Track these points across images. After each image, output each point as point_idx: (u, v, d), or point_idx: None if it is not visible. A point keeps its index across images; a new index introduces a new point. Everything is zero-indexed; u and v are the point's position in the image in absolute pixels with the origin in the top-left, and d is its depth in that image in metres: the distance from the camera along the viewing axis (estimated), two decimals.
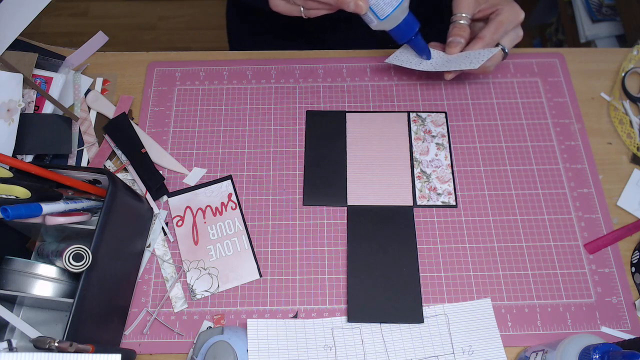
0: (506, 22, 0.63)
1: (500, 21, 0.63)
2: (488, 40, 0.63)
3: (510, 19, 0.64)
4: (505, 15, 0.63)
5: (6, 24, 0.70)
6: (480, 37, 0.63)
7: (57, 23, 1.89)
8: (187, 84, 0.72)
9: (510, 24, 0.64)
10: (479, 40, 0.63)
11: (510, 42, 0.66)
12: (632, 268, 0.61)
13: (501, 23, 0.63)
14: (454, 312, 0.58)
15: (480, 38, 0.63)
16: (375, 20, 0.58)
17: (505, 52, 0.65)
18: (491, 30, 0.63)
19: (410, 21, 0.59)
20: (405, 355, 0.56)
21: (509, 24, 0.64)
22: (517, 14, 0.64)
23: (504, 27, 0.63)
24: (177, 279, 0.60)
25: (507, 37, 0.65)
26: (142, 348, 0.57)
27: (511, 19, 0.64)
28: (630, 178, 0.66)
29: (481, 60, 0.61)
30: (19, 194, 0.51)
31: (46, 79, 0.68)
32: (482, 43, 0.63)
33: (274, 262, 0.61)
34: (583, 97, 0.71)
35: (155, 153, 0.66)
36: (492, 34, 0.63)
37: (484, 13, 0.65)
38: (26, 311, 0.58)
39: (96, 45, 0.73)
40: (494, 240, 0.62)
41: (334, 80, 0.72)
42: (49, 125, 0.65)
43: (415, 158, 0.66)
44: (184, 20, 1.90)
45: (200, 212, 0.63)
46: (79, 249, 0.48)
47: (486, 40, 0.63)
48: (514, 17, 0.64)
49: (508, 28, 0.64)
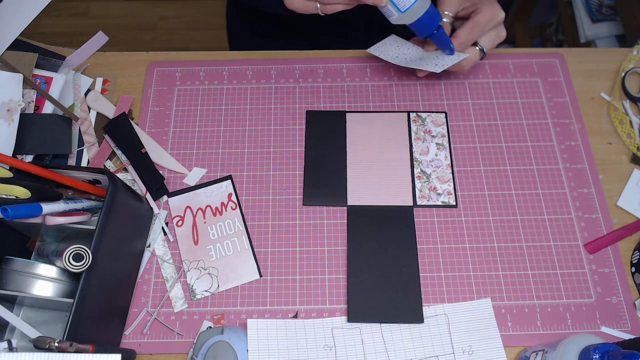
0: (483, 21, 0.63)
1: (477, 21, 0.63)
2: (462, 39, 0.63)
3: (488, 18, 0.63)
4: (482, 14, 0.63)
5: (6, 24, 0.70)
6: (454, 36, 0.63)
7: (57, 23, 1.89)
8: (187, 84, 0.72)
9: (488, 24, 0.63)
10: (453, 40, 0.63)
11: (490, 42, 0.66)
12: (632, 268, 0.61)
13: (478, 23, 0.63)
14: (454, 312, 0.58)
15: (455, 37, 0.63)
16: (395, 13, 0.56)
17: (483, 52, 0.65)
18: (467, 30, 0.63)
19: (432, 14, 0.57)
20: (405, 355, 0.56)
21: (486, 24, 0.63)
22: (496, 14, 0.64)
23: (481, 27, 0.63)
24: (177, 279, 0.60)
25: (486, 37, 0.65)
26: (142, 348, 0.57)
27: (489, 18, 0.63)
28: (630, 178, 0.66)
29: (446, 65, 0.61)
30: (19, 194, 0.51)
31: (46, 79, 0.68)
32: (455, 42, 0.63)
33: (274, 262, 0.61)
34: (583, 97, 0.71)
35: (155, 153, 0.66)
36: (468, 33, 0.63)
37: (467, 12, 0.65)
38: (26, 311, 0.58)
39: (96, 45, 0.73)
40: (494, 240, 0.62)
41: (334, 80, 0.72)
42: (49, 125, 0.65)
43: (415, 158, 0.66)
44: (184, 20, 1.90)
45: (200, 212, 0.63)
46: (79, 249, 0.48)
47: (460, 39, 0.63)
48: (492, 16, 0.63)
49: (485, 28, 0.64)
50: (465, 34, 0.63)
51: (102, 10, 1.92)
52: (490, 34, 0.65)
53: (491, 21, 0.64)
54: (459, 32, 0.63)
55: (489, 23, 0.63)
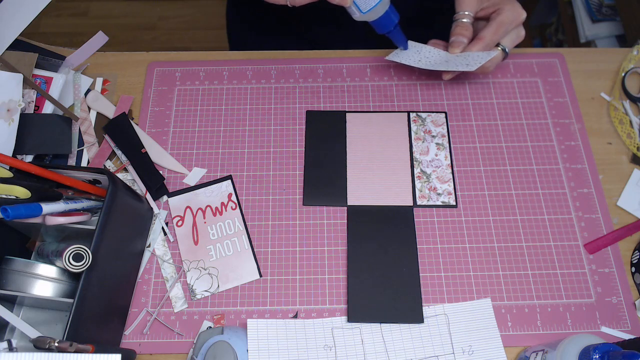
0: (507, 22, 0.63)
1: (501, 21, 0.63)
2: (488, 41, 0.63)
3: (511, 18, 0.63)
4: (506, 14, 0.63)
5: (6, 24, 0.70)
6: (480, 37, 0.63)
7: (57, 23, 1.89)
8: (187, 84, 0.72)
9: (511, 24, 0.64)
10: (479, 41, 0.63)
11: (512, 42, 0.66)
12: (632, 268, 0.61)
13: (502, 23, 0.63)
14: (454, 312, 0.58)
15: (480, 39, 0.63)
16: (357, 12, 0.60)
17: (505, 52, 0.65)
18: (491, 31, 0.63)
19: (390, 14, 0.61)
20: (405, 355, 0.56)
21: (509, 24, 0.63)
22: (518, 14, 0.64)
23: (505, 27, 0.63)
24: (177, 279, 0.60)
25: (508, 37, 0.65)
26: (142, 348, 0.57)
27: (512, 18, 0.63)
28: (630, 178, 0.66)
29: (479, 63, 0.61)
30: (19, 194, 0.51)
31: (46, 79, 0.68)
32: (482, 44, 0.63)
33: (274, 262, 0.61)
34: (583, 97, 0.71)
35: (155, 153, 0.66)
36: (492, 34, 0.63)
37: (487, 12, 0.65)
38: (26, 311, 0.58)
39: (96, 45, 0.73)
40: (494, 240, 0.62)
41: (334, 80, 0.72)
42: (49, 125, 0.65)
43: (415, 158, 0.66)
44: (184, 20, 1.90)
45: (200, 212, 0.63)
46: (79, 249, 0.48)
47: (486, 41, 0.63)
48: (515, 17, 0.64)
49: (509, 28, 0.64)
50: (490, 34, 0.63)
51: (102, 10, 1.92)
52: (511, 34, 0.65)
53: (514, 21, 0.64)
54: (484, 33, 0.63)
55: (512, 23, 0.64)
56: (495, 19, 0.63)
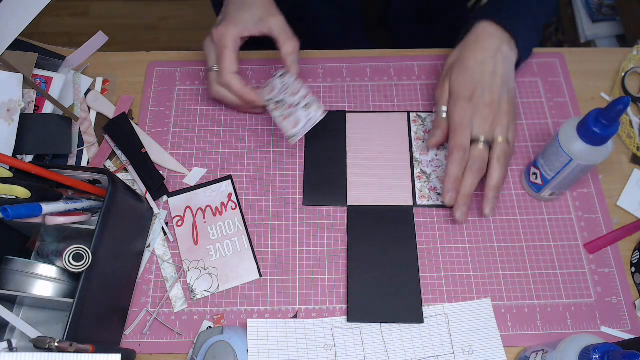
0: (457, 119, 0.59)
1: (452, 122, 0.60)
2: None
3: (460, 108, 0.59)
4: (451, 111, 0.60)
5: (6, 24, 0.70)
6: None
7: (57, 23, 1.89)
8: (187, 84, 0.72)
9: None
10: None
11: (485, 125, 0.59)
12: (632, 268, 0.61)
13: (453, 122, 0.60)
14: (454, 312, 0.58)
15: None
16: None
17: (506, 142, 0.59)
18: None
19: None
20: (405, 355, 0.56)
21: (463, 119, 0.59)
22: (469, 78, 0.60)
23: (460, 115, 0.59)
24: (177, 279, 0.60)
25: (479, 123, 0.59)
26: (142, 348, 0.57)
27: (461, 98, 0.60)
28: (630, 178, 0.66)
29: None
30: (19, 194, 0.51)
31: (46, 79, 0.68)
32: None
33: (274, 262, 0.61)
34: (583, 97, 0.71)
35: (155, 153, 0.66)
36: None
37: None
38: (26, 311, 0.58)
39: (96, 45, 0.73)
40: (494, 240, 0.62)
41: (334, 80, 0.72)
42: (49, 125, 0.65)
43: (415, 158, 0.66)
44: (184, 20, 1.90)
45: (200, 212, 0.63)
46: (79, 249, 0.48)
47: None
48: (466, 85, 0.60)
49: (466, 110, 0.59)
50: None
51: (102, 10, 1.92)
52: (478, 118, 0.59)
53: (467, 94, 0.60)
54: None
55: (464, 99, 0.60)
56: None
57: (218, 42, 0.62)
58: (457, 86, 0.61)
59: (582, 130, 0.53)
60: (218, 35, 0.62)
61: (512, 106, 0.60)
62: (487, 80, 0.59)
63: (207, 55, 0.64)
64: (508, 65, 0.61)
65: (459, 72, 0.61)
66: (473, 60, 0.61)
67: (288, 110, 0.62)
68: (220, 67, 0.62)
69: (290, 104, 0.62)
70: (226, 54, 0.61)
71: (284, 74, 0.65)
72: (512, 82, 0.62)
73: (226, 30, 0.61)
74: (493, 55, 0.60)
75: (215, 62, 0.64)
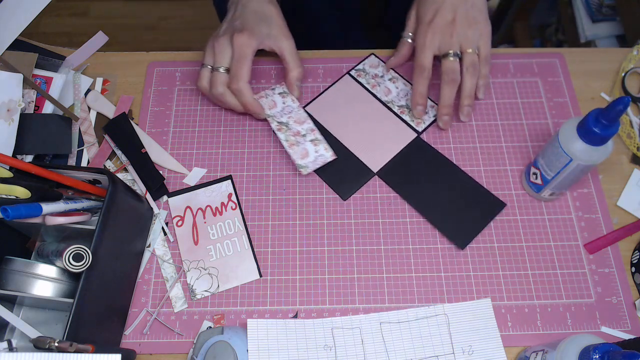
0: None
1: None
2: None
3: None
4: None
5: (6, 24, 0.70)
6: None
7: (57, 23, 1.89)
8: (187, 84, 0.72)
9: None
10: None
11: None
12: (632, 268, 0.61)
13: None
14: (454, 312, 0.58)
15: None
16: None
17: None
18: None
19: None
20: (405, 355, 0.56)
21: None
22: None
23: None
24: (177, 279, 0.60)
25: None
26: (142, 348, 0.57)
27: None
28: (630, 178, 0.66)
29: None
30: (19, 194, 0.51)
31: (46, 79, 0.68)
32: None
33: (274, 262, 0.61)
34: (583, 97, 0.71)
35: (155, 153, 0.66)
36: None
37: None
38: (26, 311, 0.58)
39: (96, 45, 0.73)
40: (493, 240, 0.62)
41: (334, 80, 0.72)
42: (49, 125, 0.65)
43: (385, 101, 0.70)
44: (184, 20, 1.90)
45: (200, 212, 0.63)
46: (79, 249, 0.48)
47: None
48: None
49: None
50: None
51: (102, 10, 1.92)
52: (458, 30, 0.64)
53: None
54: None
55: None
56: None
57: (238, 49, 0.63)
58: (420, 11, 0.65)
59: (582, 130, 0.53)
60: (239, 43, 0.63)
61: (478, 21, 0.64)
62: (447, 2, 0.63)
63: (215, 55, 0.64)
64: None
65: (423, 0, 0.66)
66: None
67: (294, 137, 0.64)
68: (235, 74, 0.63)
69: (296, 131, 0.65)
70: (245, 64, 0.63)
71: (284, 93, 0.68)
72: (479, 1, 0.65)
73: (248, 41, 0.63)
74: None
75: (225, 65, 0.64)
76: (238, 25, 0.64)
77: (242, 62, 0.63)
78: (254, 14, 0.65)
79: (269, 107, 0.67)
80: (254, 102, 0.65)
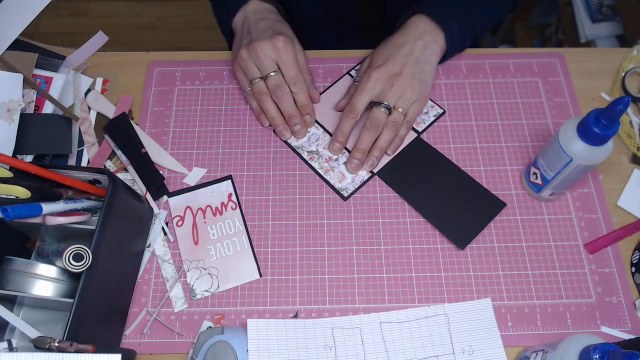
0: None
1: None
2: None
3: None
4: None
5: (6, 24, 0.70)
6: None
7: (57, 23, 1.89)
8: (187, 84, 0.72)
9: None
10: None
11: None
12: (632, 268, 0.61)
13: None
14: (454, 312, 0.58)
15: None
16: None
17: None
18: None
19: None
20: (405, 355, 0.56)
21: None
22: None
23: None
24: (177, 279, 0.60)
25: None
26: (142, 348, 0.57)
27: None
28: (630, 178, 0.66)
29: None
30: (19, 194, 0.51)
31: (46, 79, 0.68)
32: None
33: (274, 262, 0.61)
34: (583, 97, 0.71)
35: (155, 153, 0.66)
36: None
37: None
38: (26, 311, 0.58)
39: (96, 45, 0.73)
40: (493, 240, 0.62)
41: (334, 80, 0.72)
42: (49, 125, 0.65)
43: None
44: (184, 20, 1.90)
45: (200, 212, 0.63)
46: (79, 249, 0.48)
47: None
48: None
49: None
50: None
51: (102, 10, 1.92)
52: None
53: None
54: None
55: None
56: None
57: (282, 51, 0.64)
58: (373, 57, 0.66)
59: (582, 130, 0.53)
60: (279, 46, 0.64)
61: (421, 85, 0.64)
62: (400, 57, 0.64)
63: (261, 64, 0.65)
64: (428, 52, 0.65)
65: (379, 48, 0.67)
66: (394, 41, 0.66)
67: (327, 164, 0.65)
68: (293, 75, 0.64)
69: (328, 157, 0.66)
70: (296, 63, 0.65)
71: None
72: (428, 68, 0.65)
73: (286, 41, 0.64)
74: (414, 40, 0.65)
75: (258, 75, 0.65)
76: (267, 34, 0.64)
77: (294, 63, 0.64)
78: (280, 22, 0.67)
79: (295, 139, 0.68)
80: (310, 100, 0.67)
